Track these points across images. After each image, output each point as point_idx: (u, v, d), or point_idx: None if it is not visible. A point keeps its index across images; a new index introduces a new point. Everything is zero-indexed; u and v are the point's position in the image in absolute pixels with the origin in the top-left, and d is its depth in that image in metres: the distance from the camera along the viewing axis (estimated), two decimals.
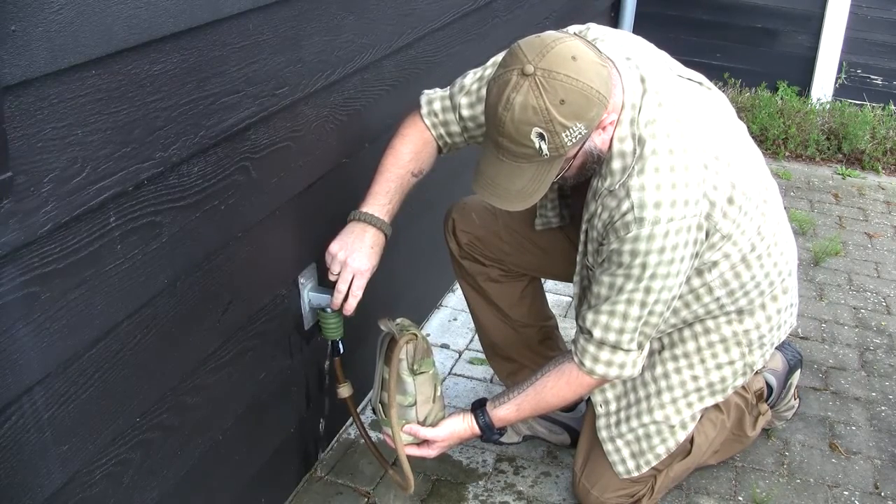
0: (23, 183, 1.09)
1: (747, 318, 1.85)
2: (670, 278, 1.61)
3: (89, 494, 1.34)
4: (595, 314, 1.68)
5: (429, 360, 1.79)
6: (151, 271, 1.39)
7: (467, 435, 1.85)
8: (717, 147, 1.64)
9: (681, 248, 1.58)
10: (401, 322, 1.78)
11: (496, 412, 1.83)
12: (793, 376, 2.30)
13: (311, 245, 1.89)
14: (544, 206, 2.02)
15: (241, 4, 1.46)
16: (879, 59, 4.70)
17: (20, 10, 1.02)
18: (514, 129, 1.45)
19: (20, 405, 1.17)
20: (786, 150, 4.41)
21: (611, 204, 1.59)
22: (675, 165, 1.55)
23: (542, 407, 1.83)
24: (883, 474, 2.22)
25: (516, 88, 1.43)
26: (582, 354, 1.73)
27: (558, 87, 1.42)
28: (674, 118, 1.59)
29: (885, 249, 3.47)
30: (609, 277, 1.63)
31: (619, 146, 1.58)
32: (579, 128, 1.46)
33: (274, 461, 1.95)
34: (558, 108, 1.42)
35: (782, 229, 1.86)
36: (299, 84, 1.70)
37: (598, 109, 1.47)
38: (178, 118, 1.37)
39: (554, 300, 2.86)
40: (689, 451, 2.02)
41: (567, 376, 1.76)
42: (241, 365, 1.72)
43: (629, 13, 4.77)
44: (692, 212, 1.57)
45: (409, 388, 1.77)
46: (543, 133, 1.44)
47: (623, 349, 1.69)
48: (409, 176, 1.82)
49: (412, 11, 2.15)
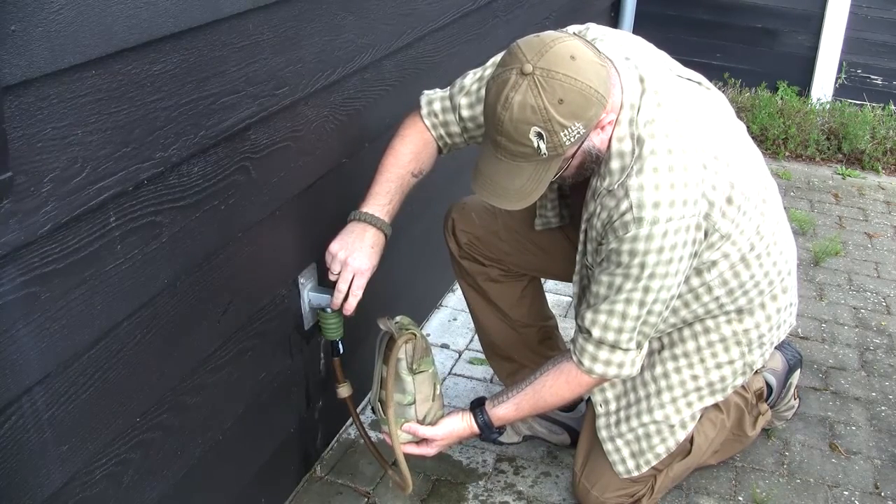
0: (23, 183, 1.09)
1: (747, 317, 1.85)
2: (669, 278, 1.61)
3: (89, 494, 1.34)
4: (594, 313, 1.68)
5: (428, 358, 1.79)
6: (151, 271, 1.39)
7: (466, 434, 1.85)
8: (716, 147, 1.64)
9: (679, 248, 1.59)
10: (400, 321, 1.78)
11: (495, 411, 1.83)
12: (793, 376, 2.30)
13: (311, 245, 1.89)
14: (544, 206, 2.02)
15: (240, 4, 1.46)
16: (879, 59, 4.70)
17: (20, 10, 1.02)
18: (513, 128, 1.45)
19: (20, 405, 1.17)
20: (786, 150, 4.41)
21: (609, 204, 1.59)
22: (674, 165, 1.56)
23: (540, 406, 1.83)
24: (883, 474, 2.22)
25: (515, 88, 1.43)
26: (581, 353, 1.73)
27: (557, 86, 1.42)
28: (673, 118, 1.59)
29: (885, 249, 3.47)
30: (608, 277, 1.64)
31: (617, 146, 1.58)
32: (577, 127, 1.46)
33: (274, 461, 1.95)
34: (557, 107, 1.42)
35: (781, 229, 1.86)
36: (299, 84, 1.70)
37: (597, 109, 1.47)
38: (178, 118, 1.37)
39: (554, 300, 2.86)
40: (689, 451, 2.02)
41: (566, 375, 1.76)
42: (241, 365, 1.72)
43: (629, 13, 4.77)
44: (691, 212, 1.57)
45: (409, 386, 1.77)
46: (542, 132, 1.44)
47: (622, 348, 1.69)
48: (408, 176, 1.82)
49: (412, 11, 2.15)
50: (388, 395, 1.76)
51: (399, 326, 1.75)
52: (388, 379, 1.75)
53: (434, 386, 1.81)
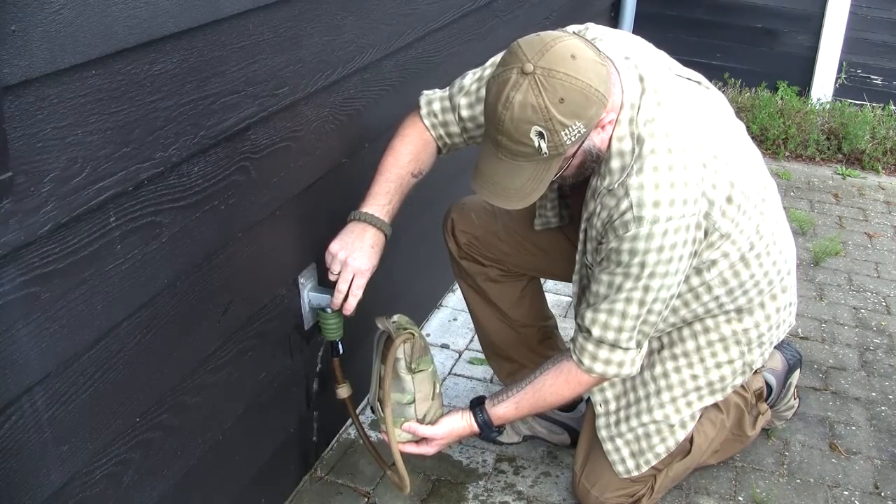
0: (23, 183, 1.09)
1: (746, 316, 1.85)
2: (669, 277, 1.61)
3: (89, 494, 1.34)
4: (594, 312, 1.68)
5: (426, 357, 1.79)
6: (151, 271, 1.39)
7: (466, 433, 1.85)
8: (716, 146, 1.64)
9: (679, 247, 1.59)
10: (398, 320, 1.78)
11: (495, 410, 1.83)
12: (792, 376, 2.30)
13: (311, 245, 1.89)
14: (543, 207, 2.02)
15: (241, 4, 1.46)
16: (879, 59, 4.70)
17: (20, 10, 1.02)
18: (514, 127, 1.45)
19: (20, 405, 1.17)
20: (786, 150, 4.41)
21: (610, 203, 1.59)
22: (674, 164, 1.56)
23: (540, 405, 1.83)
24: (883, 474, 2.22)
25: (516, 87, 1.43)
26: (581, 353, 1.73)
27: (558, 85, 1.42)
28: (673, 117, 1.59)
29: (885, 249, 3.47)
30: (608, 276, 1.64)
31: (617, 145, 1.58)
32: (578, 126, 1.46)
33: (274, 461, 1.95)
34: (558, 106, 1.42)
35: (781, 228, 1.86)
36: (299, 84, 1.70)
37: (598, 108, 1.47)
38: (178, 118, 1.37)
39: (554, 300, 2.86)
40: (689, 451, 2.02)
41: (566, 374, 1.76)
42: (241, 365, 1.72)
43: (629, 13, 4.77)
44: (691, 211, 1.57)
45: (408, 385, 1.77)
46: (543, 131, 1.44)
47: (622, 347, 1.69)
48: (408, 176, 1.82)
49: (412, 11, 2.15)
50: (386, 394, 1.76)
51: (397, 326, 1.75)
52: (385, 378, 1.75)
53: (433, 384, 1.82)
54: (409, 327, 1.77)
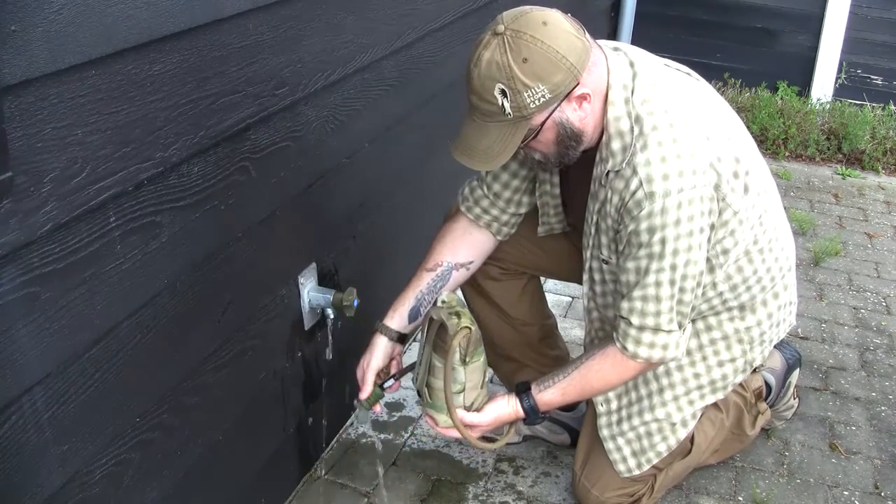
0: (23, 183, 1.09)
1: (748, 314, 1.85)
2: (693, 251, 1.61)
3: (89, 494, 1.34)
4: (629, 301, 1.67)
5: (480, 348, 1.78)
6: (151, 271, 1.39)
7: (511, 418, 1.82)
8: (716, 124, 1.65)
9: (697, 218, 1.59)
10: (447, 300, 1.75)
11: (541, 396, 1.80)
12: (792, 375, 2.30)
13: (311, 245, 1.89)
14: (546, 213, 2.00)
15: (241, 4, 1.46)
16: (879, 59, 4.70)
17: (20, 10, 1.02)
18: (480, 84, 1.51)
19: (20, 405, 1.17)
20: (786, 150, 4.41)
21: (619, 185, 1.60)
22: (678, 137, 1.57)
23: (587, 391, 1.82)
24: (883, 474, 2.22)
25: (486, 46, 1.50)
26: (624, 339, 1.71)
27: (523, 46, 1.47)
28: (669, 96, 1.62)
29: (885, 249, 3.47)
30: (633, 262, 1.64)
31: (615, 126, 1.60)
32: (542, 90, 1.49)
33: (274, 461, 1.95)
34: (521, 66, 1.47)
35: (781, 224, 1.88)
36: (299, 84, 1.70)
37: (565, 77, 1.49)
38: (178, 118, 1.37)
39: (554, 300, 2.86)
40: (689, 451, 2.02)
41: (611, 359, 1.74)
42: (241, 365, 1.72)
43: (629, 13, 4.77)
44: (701, 181, 1.57)
45: (460, 377, 1.75)
46: (506, 90, 1.48)
47: (664, 330, 1.68)
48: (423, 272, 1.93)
49: (412, 11, 2.15)
50: (448, 391, 1.74)
51: (448, 308, 1.73)
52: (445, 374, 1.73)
53: (483, 373, 1.80)
54: (460, 310, 1.73)
